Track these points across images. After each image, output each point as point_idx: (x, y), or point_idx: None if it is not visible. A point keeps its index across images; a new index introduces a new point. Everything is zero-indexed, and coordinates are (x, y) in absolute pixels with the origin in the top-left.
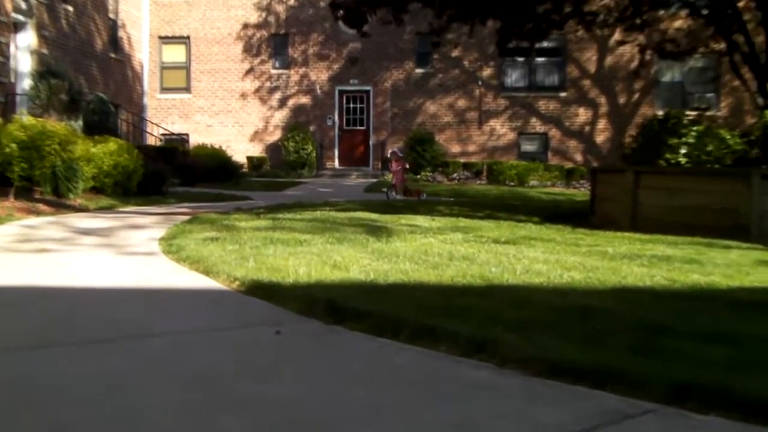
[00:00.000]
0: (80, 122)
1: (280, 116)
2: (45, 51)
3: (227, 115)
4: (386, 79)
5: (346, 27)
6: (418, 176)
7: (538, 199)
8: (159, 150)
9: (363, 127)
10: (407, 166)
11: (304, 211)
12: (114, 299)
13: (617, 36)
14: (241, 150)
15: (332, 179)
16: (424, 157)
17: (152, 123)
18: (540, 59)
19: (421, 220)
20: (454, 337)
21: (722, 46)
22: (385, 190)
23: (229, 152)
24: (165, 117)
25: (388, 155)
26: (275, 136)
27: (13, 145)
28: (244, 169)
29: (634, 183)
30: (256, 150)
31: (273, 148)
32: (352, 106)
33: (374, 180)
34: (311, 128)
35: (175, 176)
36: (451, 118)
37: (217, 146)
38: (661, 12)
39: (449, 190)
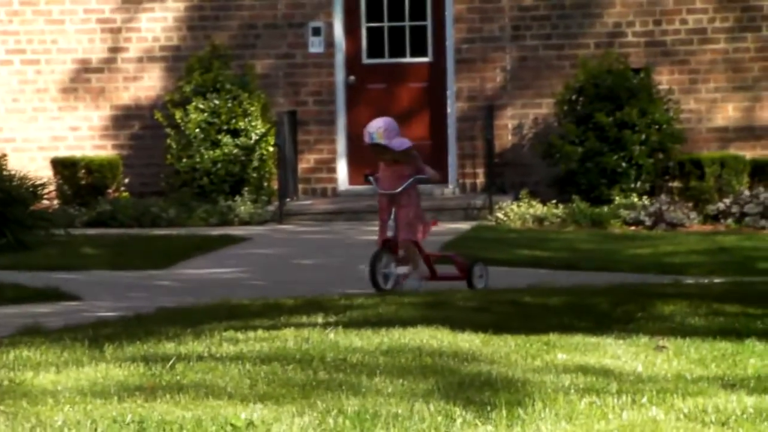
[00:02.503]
0: None
1: (157, 28)
2: None
3: None
4: None
5: None
6: (610, 205)
7: None
8: None
9: (426, 59)
10: (428, 175)
11: (246, 328)
12: None
13: None
14: (37, 141)
15: (331, 226)
16: (619, 144)
17: None
18: None
19: (621, 353)
20: None
21: None
22: (370, 269)
23: None
24: None
25: (369, 141)
26: (144, 91)
27: None
28: (48, 200)
29: None
30: (87, 140)
31: (140, 134)
32: None
33: (465, 226)
34: (256, 65)
35: None
36: (711, 14)
37: None
38: None
39: (708, 247)
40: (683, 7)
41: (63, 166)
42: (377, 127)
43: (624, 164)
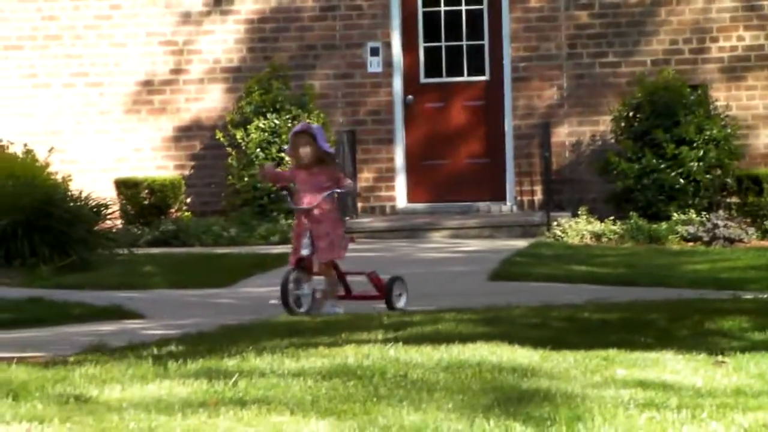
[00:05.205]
0: None
1: (218, 49)
2: None
3: (47, 53)
4: None
5: None
6: (668, 221)
7: None
8: None
9: (483, 77)
10: (346, 187)
11: (307, 344)
12: None
13: None
14: (100, 162)
15: (390, 243)
16: (676, 160)
17: None
18: None
19: (681, 368)
20: None
21: None
22: (289, 286)
23: (61, 169)
24: None
25: (300, 128)
26: (205, 111)
27: None
28: (111, 220)
29: None
30: (149, 160)
31: (201, 153)
32: (445, 9)
33: (522, 243)
34: (315, 85)
35: None
36: None
37: (16, 151)
38: None
39: (766, 263)
40: (740, 23)
41: (126, 187)
42: (309, 123)
43: (681, 181)
